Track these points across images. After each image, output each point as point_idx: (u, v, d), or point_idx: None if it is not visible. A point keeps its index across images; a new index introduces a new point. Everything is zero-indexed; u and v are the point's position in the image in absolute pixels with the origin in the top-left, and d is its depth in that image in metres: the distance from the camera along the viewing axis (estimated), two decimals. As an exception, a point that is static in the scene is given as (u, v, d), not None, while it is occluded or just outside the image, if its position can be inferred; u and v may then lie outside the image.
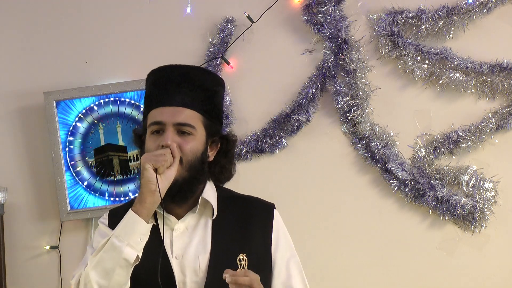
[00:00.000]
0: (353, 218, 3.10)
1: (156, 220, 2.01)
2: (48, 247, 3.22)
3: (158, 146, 1.97)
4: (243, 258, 1.92)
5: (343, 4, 3.09)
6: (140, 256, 1.91)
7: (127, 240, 1.88)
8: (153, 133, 2.00)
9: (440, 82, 3.04)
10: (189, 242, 2.02)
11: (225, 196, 2.10)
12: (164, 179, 1.93)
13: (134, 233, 1.89)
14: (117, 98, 3.17)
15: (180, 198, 2.00)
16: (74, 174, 3.18)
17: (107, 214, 2.10)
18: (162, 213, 2.02)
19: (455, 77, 3.02)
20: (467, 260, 3.04)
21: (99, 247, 1.91)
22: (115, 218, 2.02)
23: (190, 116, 2.02)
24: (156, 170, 1.92)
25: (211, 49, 3.16)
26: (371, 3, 3.11)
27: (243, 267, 1.90)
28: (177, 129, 2.00)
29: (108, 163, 3.17)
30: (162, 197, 1.92)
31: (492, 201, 2.99)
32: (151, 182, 1.91)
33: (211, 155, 2.09)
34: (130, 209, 1.92)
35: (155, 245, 1.96)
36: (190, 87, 2.03)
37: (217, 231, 2.02)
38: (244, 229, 2.06)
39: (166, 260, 1.96)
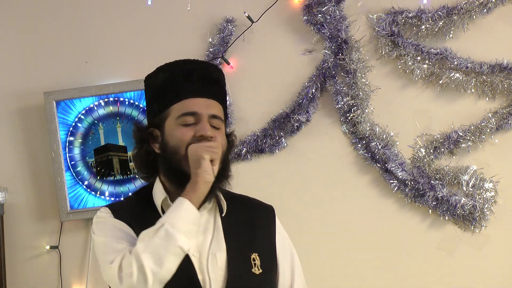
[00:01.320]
0: (353, 218, 3.10)
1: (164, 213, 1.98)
2: (48, 247, 3.22)
3: (193, 137, 1.94)
4: (256, 257, 1.94)
5: (343, 4, 3.09)
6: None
7: (182, 228, 1.84)
8: (185, 125, 1.96)
9: (440, 82, 3.04)
10: (204, 240, 2.00)
11: (228, 196, 2.09)
12: (215, 172, 1.92)
13: (188, 222, 1.86)
14: (117, 98, 3.17)
15: (209, 195, 1.97)
16: (74, 174, 3.18)
17: (107, 209, 2.03)
18: (211, 205, 2.00)
19: (455, 77, 3.02)
20: (467, 260, 3.04)
21: (149, 232, 1.84)
22: (119, 213, 1.98)
23: (219, 110, 2.00)
24: (211, 162, 1.90)
25: (211, 49, 3.16)
26: (371, 3, 3.11)
27: (257, 267, 1.92)
28: (210, 122, 1.97)
29: (108, 163, 3.17)
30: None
31: (492, 201, 2.99)
32: (207, 173, 1.88)
33: None
34: (181, 198, 1.87)
35: None
36: (212, 81, 2.02)
37: (228, 230, 2.01)
38: (251, 229, 2.05)
39: (187, 258, 1.94)
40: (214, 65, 2.14)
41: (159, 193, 2.00)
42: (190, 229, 1.86)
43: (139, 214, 1.98)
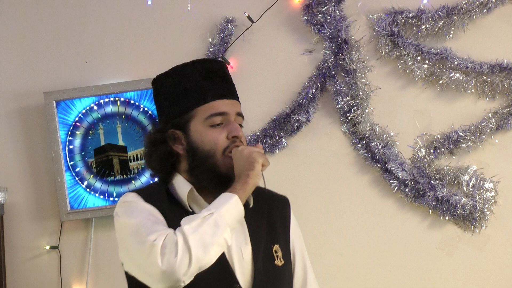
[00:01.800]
0: (353, 218, 3.10)
1: (190, 208, 1.99)
2: (48, 247, 3.22)
3: (225, 137, 1.97)
4: (277, 249, 1.98)
5: (343, 4, 3.09)
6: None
7: (229, 222, 1.85)
8: (212, 126, 1.98)
9: (440, 82, 3.04)
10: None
11: None
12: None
13: (235, 217, 1.88)
14: (117, 98, 3.18)
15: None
16: (74, 174, 3.18)
17: (136, 194, 2.00)
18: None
19: (455, 77, 3.02)
20: (467, 260, 3.04)
21: (198, 219, 1.83)
22: (149, 199, 1.97)
23: (240, 108, 2.05)
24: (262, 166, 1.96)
25: (211, 49, 3.16)
26: (371, 3, 3.11)
27: (279, 258, 1.97)
28: (236, 120, 2.01)
29: (108, 163, 3.17)
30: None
31: (492, 201, 2.99)
32: (258, 177, 1.94)
33: None
34: (232, 193, 1.89)
35: None
36: (229, 80, 2.05)
37: (251, 222, 2.02)
38: (270, 221, 2.08)
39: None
40: (224, 63, 2.15)
41: (182, 185, 2.00)
42: (234, 225, 1.88)
43: (166, 204, 1.98)
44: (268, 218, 2.07)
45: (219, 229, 1.83)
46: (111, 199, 3.17)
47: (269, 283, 1.98)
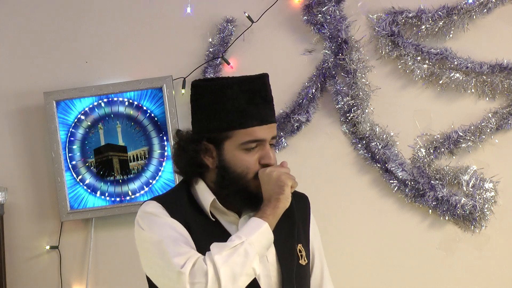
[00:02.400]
0: (353, 218, 3.10)
1: (213, 217, 2.00)
2: (48, 247, 3.22)
3: (257, 161, 1.98)
4: (301, 249, 2.00)
5: (343, 4, 3.09)
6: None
7: (259, 250, 1.86)
8: (247, 149, 1.98)
9: (440, 82, 3.04)
10: None
11: None
12: None
13: (264, 245, 1.89)
14: (117, 98, 3.17)
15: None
16: (74, 174, 3.18)
17: (158, 205, 1.98)
18: None
19: (455, 77, 3.02)
20: (467, 260, 3.04)
21: (229, 248, 1.84)
22: (172, 210, 1.96)
23: (276, 129, 2.06)
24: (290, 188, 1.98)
25: (211, 49, 3.16)
26: (371, 3, 3.11)
27: (303, 258, 2.00)
28: (270, 143, 2.02)
29: (108, 163, 3.17)
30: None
31: (492, 201, 2.99)
32: (289, 200, 1.95)
33: None
34: (261, 219, 1.90)
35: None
36: (270, 100, 2.04)
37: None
38: (292, 220, 2.09)
39: None
40: (266, 75, 2.10)
41: (205, 194, 2.01)
42: (263, 253, 1.89)
43: (188, 211, 1.98)
44: (291, 218, 2.08)
45: (249, 259, 1.83)
46: (111, 199, 3.17)
47: (297, 283, 2.00)
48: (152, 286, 1.96)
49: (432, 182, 3.00)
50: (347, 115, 3.08)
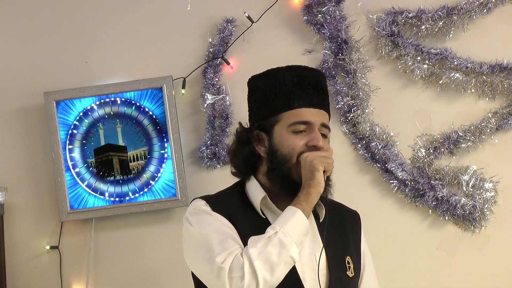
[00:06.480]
0: (353, 218, 3.10)
1: (262, 213, 2.01)
2: (48, 247, 3.22)
3: (305, 146, 1.98)
4: (350, 261, 2.02)
5: (343, 4, 3.09)
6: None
7: (295, 238, 1.86)
8: (295, 132, 1.99)
9: (440, 82, 3.04)
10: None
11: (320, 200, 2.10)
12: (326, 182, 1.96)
13: (301, 232, 1.89)
14: (117, 98, 3.18)
15: (316, 204, 1.99)
16: (74, 174, 3.18)
17: (204, 202, 2.02)
18: (323, 217, 2.03)
19: (455, 77, 3.02)
20: (467, 260, 3.04)
21: (263, 239, 1.86)
22: (217, 207, 1.99)
23: (327, 119, 2.04)
24: (324, 172, 1.94)
25: (211, 49, 3.16)
26: (371, 3, 3.11)
27: (351, 270, 2.01)
28: (320, 130, 2.01)
29: (108, 163, 3.17)
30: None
31: (492, 201, 2.99)
32: (321, 185, 1.93)
33: None
34: (295, 207, 1.90)
35: None
36: (322, 90, 2.05)
37: (323, 231, 2.03)
38: (343, 233, 2.10)
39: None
40: (322, 73, 2.16)
41: (257, 191, 2.03)
42: (301, 240, 1.90)
43: (237, 208, 2.00)
44: (342, 230, 2.09)
45: (285, 248, 1.84)
46: (111, 199, 3.17)
47: None
48: (197, 283, 1.99)
49: (432, 182, 3.01)
50: (347, 115, 3.08)
